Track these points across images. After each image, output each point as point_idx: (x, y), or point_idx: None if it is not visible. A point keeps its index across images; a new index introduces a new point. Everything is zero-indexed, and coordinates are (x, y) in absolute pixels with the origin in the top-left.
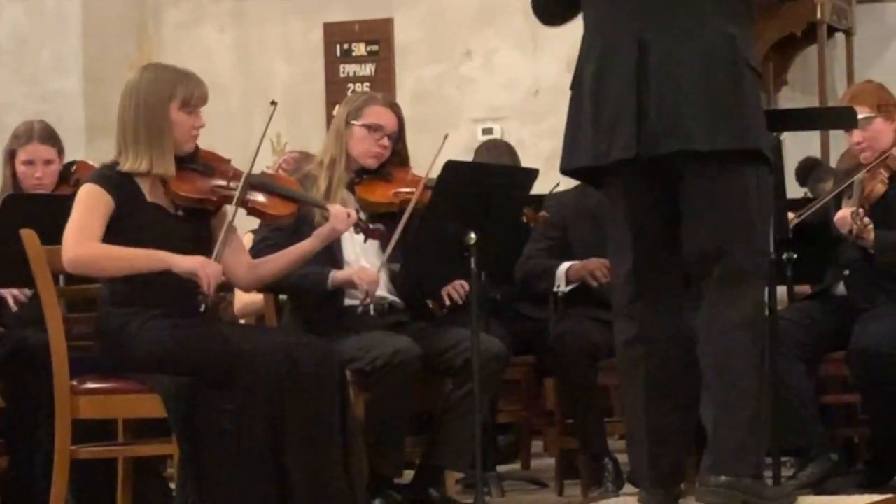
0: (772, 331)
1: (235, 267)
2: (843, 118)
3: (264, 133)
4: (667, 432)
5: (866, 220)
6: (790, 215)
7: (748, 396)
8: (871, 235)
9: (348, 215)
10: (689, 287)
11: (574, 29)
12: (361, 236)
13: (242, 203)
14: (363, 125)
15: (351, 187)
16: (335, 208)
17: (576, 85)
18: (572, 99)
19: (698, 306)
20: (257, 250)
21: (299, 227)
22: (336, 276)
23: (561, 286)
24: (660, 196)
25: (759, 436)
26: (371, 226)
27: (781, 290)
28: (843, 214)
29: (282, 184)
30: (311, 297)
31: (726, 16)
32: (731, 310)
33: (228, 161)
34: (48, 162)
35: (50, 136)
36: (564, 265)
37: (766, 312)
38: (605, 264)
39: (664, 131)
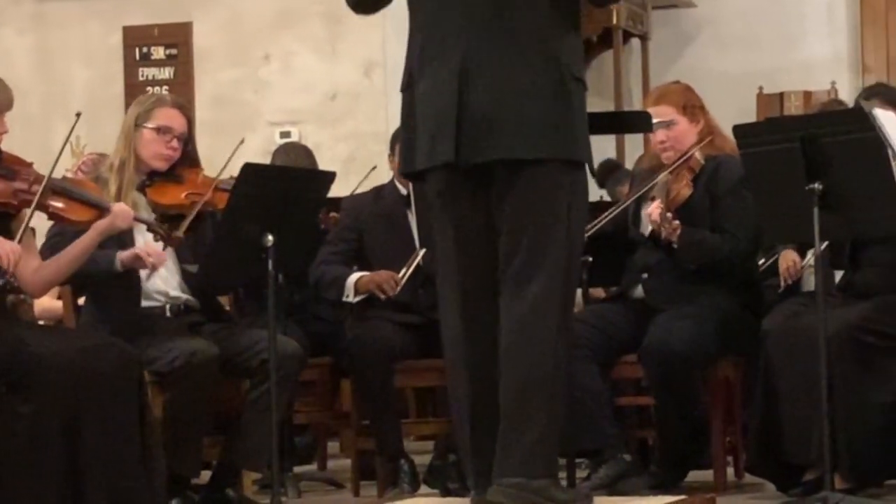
0: None
1: (24, 270)
2: (639, 122)
3: (66, 141)
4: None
5: (675, 223)
6: None
7: (544, 396)
8: (679, 238)
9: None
10: None
11: (371, 34)
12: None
13: (43, 207)
14: (152, 127)
15: (142, 189)
16: (118, 205)
17: (407, 88)
18: (404, 102)
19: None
20: (50, 246)
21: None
22: (122, 256)
23: (350, 297)
24: (481, 203)
25: (553, 437)
26: (171, 234)
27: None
28: (653, 210)
29: (83, 189)
30: (106, 287)
31: (554, 26)
32: (533, 309)
33: (30, 165)
34: None
35: None
36: (353, 276)
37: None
38: (393, 277)
39: (484, 138)
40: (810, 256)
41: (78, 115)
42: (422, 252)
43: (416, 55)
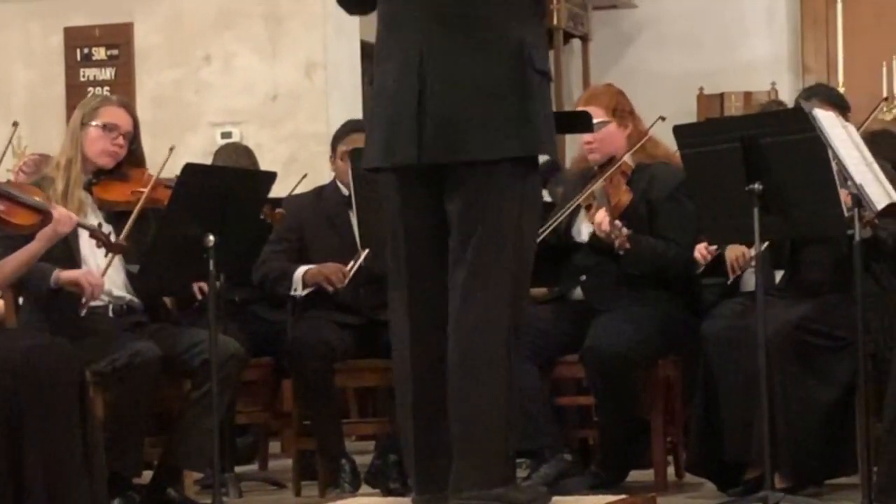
0: None
1: None
2: (579, 123)
3: (4, 150)
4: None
5: (625, 230)
6: None
7: (497, 401)
8: (629, 243)
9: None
10: None
11: (312, 34)
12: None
13: None
14: (98, 125)
15: (88, 188)
16: (59, 210)
17: (375, 84)
18: (371, 99)
19: None
20: None
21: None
22: (61, 275)
23: (298, 290)
24: (434, 202)
25: (508, 443)
26: (113, 240)
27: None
28: (601, 220)
29: (25, 193)
30: (39, 293)
31: (514, 17)
32: (483, 314)
33: None
34: None
35: None
36: (301, 269)
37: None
38: (341, 269)
39: (444, 138)
40: (752, 255)
41: (15, 124)
42: (366, 251)
43: (377, 51)
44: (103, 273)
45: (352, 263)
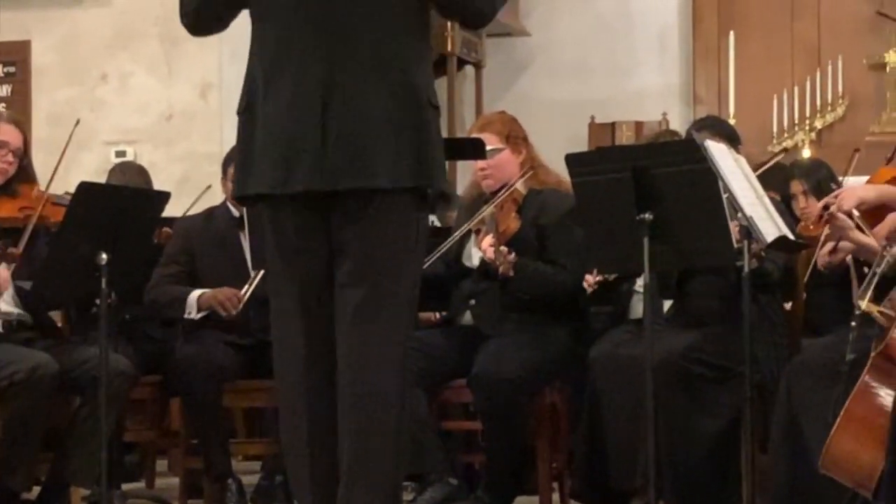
0: None
1: None
2: (472, 150)
3: None
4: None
5: (511, 256)
6: None
7: (389, 428)
8: (514, 269)
9: None
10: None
11: (207, 55)
12: None
13: None
14: None
15: None
16: None
17: (247, 109)
18: (243, 123)
19: None
20: None
21: None
22: None
23: (192, 313)
24: (321, 228)
25: (398, 472)
26: (6, 251)
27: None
28: (486, 249)
29: None
30: None
31: (409, 49)
32: (378, 344)
33: None
34: None
35: None
36: (195, 293)
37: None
38: (236, 294)
39: (344, 166)
40: (639, 284)
41: None
42: (260, 273)
43: (259, 76)
44: None
45: (246, 287)
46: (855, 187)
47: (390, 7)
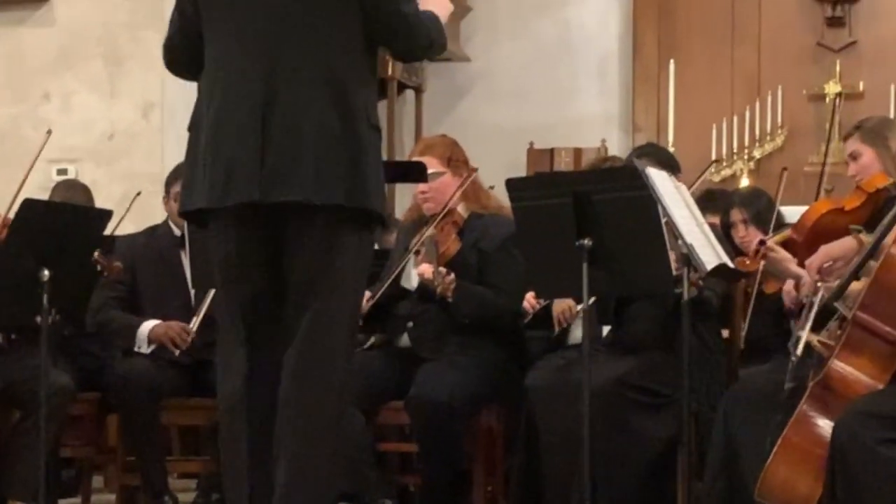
0: None
1: None
2: (413, 172)
3: None
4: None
5: (450, 277)
6: None
7: (325, 450)
8: (453, 292)
9: None
10: None
11: (150, 75)
12: None
13: None
14: None
15: None
16: None
17: (194, 126)
18: (191, 140)
19: None
20: None
21: None
22: None
23: (143, 347)
24: (272, 243)
25: (332, 487)
26: None
27: None
28: (423, 271)
29: None
30: None
31: (352, 70)
32: (321, 364)
33: None
34: None
35: None
36: (146, 326)
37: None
38: (185, 329)
39: (282, 179)
40: (579, 309)
41: None
42: (211, 294)
43: (205, 93)
44: None
45: (194, 320)
46: (823, 248)
47: (334, 27)
